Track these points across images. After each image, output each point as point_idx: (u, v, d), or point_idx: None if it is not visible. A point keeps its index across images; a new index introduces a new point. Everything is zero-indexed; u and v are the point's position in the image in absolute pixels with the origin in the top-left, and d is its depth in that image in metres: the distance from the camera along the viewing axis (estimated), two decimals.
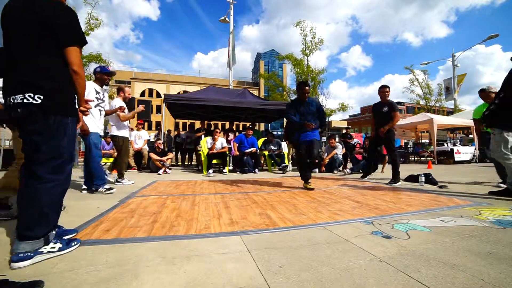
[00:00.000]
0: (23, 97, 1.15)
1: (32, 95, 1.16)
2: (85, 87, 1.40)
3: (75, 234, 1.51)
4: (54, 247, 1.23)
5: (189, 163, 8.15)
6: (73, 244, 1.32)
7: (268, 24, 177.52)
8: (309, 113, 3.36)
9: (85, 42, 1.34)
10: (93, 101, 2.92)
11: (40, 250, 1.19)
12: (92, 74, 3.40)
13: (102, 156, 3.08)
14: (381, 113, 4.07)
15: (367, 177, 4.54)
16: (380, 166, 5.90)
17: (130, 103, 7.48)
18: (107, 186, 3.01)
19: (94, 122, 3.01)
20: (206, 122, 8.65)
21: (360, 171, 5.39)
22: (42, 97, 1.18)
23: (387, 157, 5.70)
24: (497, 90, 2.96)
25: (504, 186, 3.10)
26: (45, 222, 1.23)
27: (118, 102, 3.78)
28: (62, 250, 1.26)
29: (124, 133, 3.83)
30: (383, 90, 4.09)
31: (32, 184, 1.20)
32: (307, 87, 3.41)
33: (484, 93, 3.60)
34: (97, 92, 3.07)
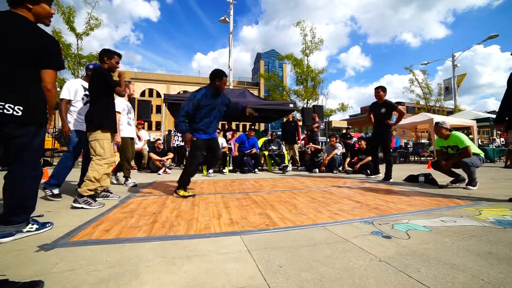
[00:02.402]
0: (2, 106, 1.31)
1: (12, 106, 1.33)
2: (54, 101, 1.62)
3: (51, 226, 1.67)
4: (32, 227, 1.50)
5: None
6: (47, 225, 1.60)
7: (268, 25, 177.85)
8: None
9: (63, 68, 1.60)
10: (82, 99, 2.84)
11: (20, 230, 1.45)
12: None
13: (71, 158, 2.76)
14: (380, 114, 4.36)
15: (375, 175, 4.60)
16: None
17: (130, 102, 7.45)
18: (56, 191, 2.58)
19: (76, 119, 2.79)
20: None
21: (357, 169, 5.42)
22: (22, 109, 1.35)
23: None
24: (449, 127, 3.43)
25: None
26: (27, 210, 1.49)
27: (122, 101, 3.64)
28: (39, 230, 1.53)
29: (122, 133, 3.64)
30: (377, 91, 4.46)
31: (15, 181, 1.42)
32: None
33: (436, 127, 3.55)
34: (86, 89, 2.87)
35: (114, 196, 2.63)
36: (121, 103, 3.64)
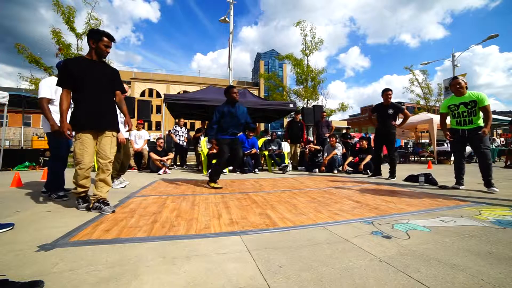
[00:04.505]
0: None
1: None
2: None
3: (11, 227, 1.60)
4: None
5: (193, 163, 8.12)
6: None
7: (267, 26, 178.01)
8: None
9: None
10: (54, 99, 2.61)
11: None
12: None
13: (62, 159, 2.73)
14: (386, 115, 4.41)
15: (376, 176, 4.61)
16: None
17: (129, 102, 7.41)
18: (61, 193, 2.61)
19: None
20: (206, 122, 8.55)
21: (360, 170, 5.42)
22: None
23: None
24: (466, 83, 3.20)
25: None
26: None
27: None
28: None
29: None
30: (387, 93, 4.45)
31: None
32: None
33: (455, 80, 3.28)
34: None
35: (108, 209, 2.07)
36: None
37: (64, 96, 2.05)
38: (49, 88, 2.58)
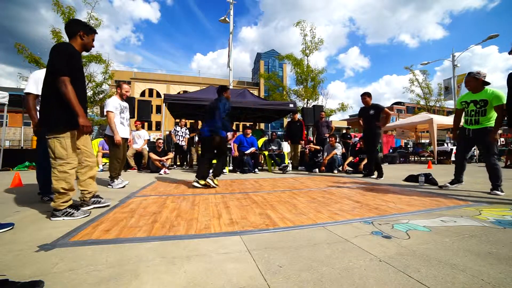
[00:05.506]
0: None
1: None
2: None
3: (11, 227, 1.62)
4: None
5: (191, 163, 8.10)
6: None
7: (267, 27, 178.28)
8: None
9: None
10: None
11: None
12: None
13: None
14: (369, 116, 4.56)
15: (370, 176, 4.64)
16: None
17: (129, 102, 7.45)
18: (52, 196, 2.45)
19: None
20: (199, 121, 8.48)
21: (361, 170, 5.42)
22: None
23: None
24: (485, 80, 2.94)
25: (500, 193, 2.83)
26: None
27: (114, 100, 3.54)
28: None
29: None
30: (364, 97, 4.70)
31: None
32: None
33: (468, 77, 3.03)
34: None
35: (106, 201, 2.22)
36: (112, 102, 3.49)
37: (70, 84, 1.79)
38: (35, 82, 2.35)
